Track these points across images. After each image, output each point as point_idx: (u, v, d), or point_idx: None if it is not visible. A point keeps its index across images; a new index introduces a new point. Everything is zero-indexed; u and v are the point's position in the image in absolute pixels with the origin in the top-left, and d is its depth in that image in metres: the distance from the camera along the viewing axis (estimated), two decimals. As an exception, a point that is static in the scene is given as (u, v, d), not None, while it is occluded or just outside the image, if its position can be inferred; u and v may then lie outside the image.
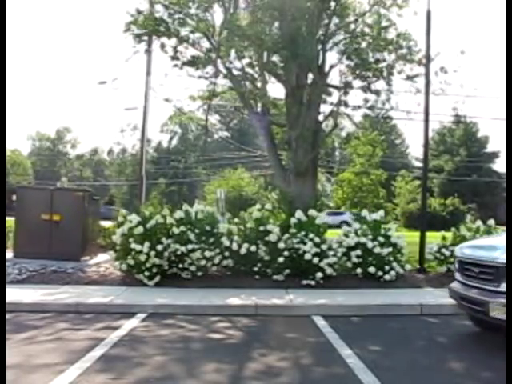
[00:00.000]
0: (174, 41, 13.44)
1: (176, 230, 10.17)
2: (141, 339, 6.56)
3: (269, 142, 13.40)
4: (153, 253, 9.90)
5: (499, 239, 7.10)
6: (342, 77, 13.21)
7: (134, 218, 10.29)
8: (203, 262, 10.16)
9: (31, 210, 11.89)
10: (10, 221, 12.73)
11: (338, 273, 10.28)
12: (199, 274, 10.23)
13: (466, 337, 7.07)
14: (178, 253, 10.09)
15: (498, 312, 5.82)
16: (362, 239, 10.36)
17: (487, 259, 6.27)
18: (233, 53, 12.96)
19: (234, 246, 10.22)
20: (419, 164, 53.32)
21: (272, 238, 10.18)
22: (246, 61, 13.44)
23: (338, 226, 20.38)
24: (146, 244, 9.90)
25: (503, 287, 5.82)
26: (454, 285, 6.92)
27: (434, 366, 5.54)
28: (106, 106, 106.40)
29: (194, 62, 13.51)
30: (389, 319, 7.94)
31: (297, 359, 5.73)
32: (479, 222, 11.46)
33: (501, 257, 6.00)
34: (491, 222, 11.43)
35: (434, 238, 12.07)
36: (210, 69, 13.65)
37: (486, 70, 77.17)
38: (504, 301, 5.69)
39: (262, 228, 10.35)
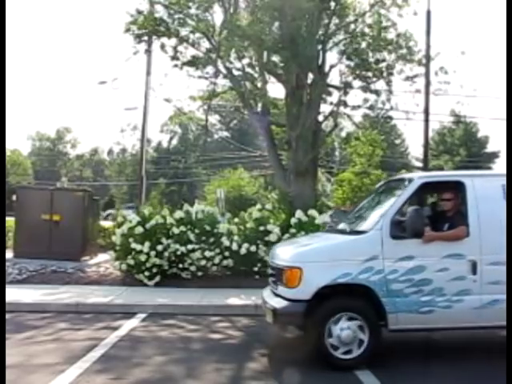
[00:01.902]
0: (173, 41, 13.44)
1: (176, 230, 10.18)
2: (141, 339, 6.56)
3: (269, 141, 13.39)
4: (153, 253, 9.90)
5: (302, 240, 6.96)
6: (341, 77, 13.21)
7: (134, 218, 10.30)
8: (203, 262, 10.16)
9: (31, 210, 11.90)
10: (10, 221, 12.74)
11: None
12: (199, 273, 10.23)
13: (467, 336, 7.04)
14: (178, 253, 10.10)
15: (268, 316, 5.71)
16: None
17: (273, 260, 6.08)
18: (233, 53, 12.95)
19: (234, 246, 10.23)
20: (419, 164, 53.25)
21: (272, 237, 10.18)
22: (245, 61, 13.43)
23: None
24: (146, 244, 9.91)
25: (280, 291, 5.65)
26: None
27: (435, 366, 5.54)
28: (106, 106, 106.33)
29: (193, 62, 13.51)
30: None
31: (296, 360, 5.73)
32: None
33: (281, 257, 5.81)
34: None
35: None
36: (210, 69, 13.65)
37: (486, 70, 77.23)
38: (273, 305, 5.53)
39: (261, 228, 10.36)
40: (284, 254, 5.89)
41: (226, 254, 10.24)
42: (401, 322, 5.48)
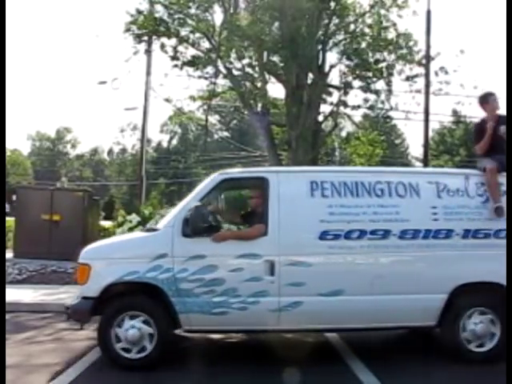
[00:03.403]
0: (174, 41, 13.47)
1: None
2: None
3: (269, 141, 13.40)
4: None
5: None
6: (341, 77, 13.22)
7: (134, 218, 10.30)
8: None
9: (31, 210, 11.89)
10: (10, 221, 12.74)
11: None
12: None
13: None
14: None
15: None
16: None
17: None
18: (233, 53, 12.97)
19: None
20: (419, 164, 53.28)
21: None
22: (246, 61, 13.45)
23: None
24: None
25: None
26: None
27: (435, 366, 5.55)
28: (106, 106, 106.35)
29: (193, 62, 13.53)
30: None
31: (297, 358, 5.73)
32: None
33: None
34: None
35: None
36: (210, 69, 13.67)
37: (486, 69, 77.24)
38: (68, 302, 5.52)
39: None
40: (83, 250, 5.73)
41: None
42: (194, 323, 5.29)
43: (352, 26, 13.26)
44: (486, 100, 6.40)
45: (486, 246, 5.57)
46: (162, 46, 13.56)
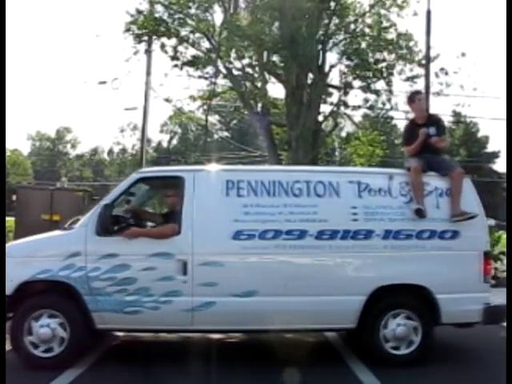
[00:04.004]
0: (174, 41, 13.48)
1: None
2: (139, 338, 6.55)
3: (269, 141, 13.41)
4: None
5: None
6: (341, 77, 13.24)
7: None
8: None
9: (31, 210, 11.89)
10: (10, 221, 12.73)
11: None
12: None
13: (467, 337, 7.03)
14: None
15: None
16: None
17: None
18: (233, 53, 12.98)
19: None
20: (419, 164, 53.18)
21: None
22: (246, 61, 13.47)
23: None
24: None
25: None
26: None
27: (435, 366, 5.54)
28: (106, 106, 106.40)
29: (194, 62, 13.54)
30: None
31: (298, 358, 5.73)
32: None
33: None
34: (491, 221, 11.42)
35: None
36: (210, 69, 13.69)
37: (486, 70, 77.22)
38: None
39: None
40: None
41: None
42: (107, 322, 5.23)
43: (352, 26, 13.28)
44: (413, 99, 6.28)
45: (408, 247, 5.43)
46: (162, 46, 13.57)
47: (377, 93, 13.20)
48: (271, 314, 5.24)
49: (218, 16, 13.72)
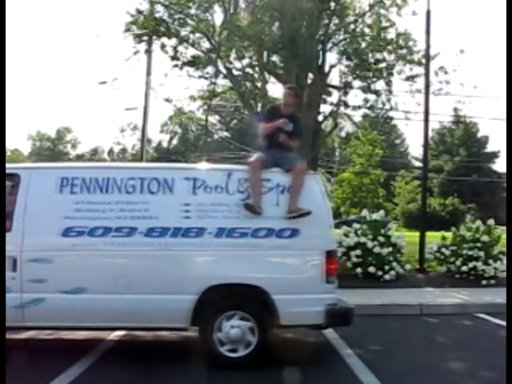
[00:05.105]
0: (174, 41, 13.46)
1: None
2: (140, 338, 6.56)
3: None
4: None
5: None
6: (341, 77, 13.24)
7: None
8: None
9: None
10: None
11: (337, 273, 10.26)
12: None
13: (467, 337, 7.07)
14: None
15: None
16: (362, 239, 10.38)
17: None
18: (233, 53, 12.98)
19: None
20: (419, 164, 53.30)
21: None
22: (246, 61, 13.47)
23: (337, 226, 20.26)
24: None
25: None
26: None
27: (435, 366, 5.54)
28: (106, 106, 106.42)
29: (194, 62, 13.53)
30: (389, 319, 7.95)
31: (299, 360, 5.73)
32: (479, 222, 11.45)
33: None
34: (491, 221, 11.43)
35: (433, 238, 12.07)
36: (210, 69, 13.68)
37: (485, 69, 77.21)
38: None
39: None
40: None
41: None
42: None
43: (352, 26, 13.27)
44: (286, 91, 6.30)
45: (242, 245, 5.32)
46: (162, 46, 13.56)
47: (377, 93, 13.19)
48: (102, 312, 5.22)
49: (218, 16, 13.74)
